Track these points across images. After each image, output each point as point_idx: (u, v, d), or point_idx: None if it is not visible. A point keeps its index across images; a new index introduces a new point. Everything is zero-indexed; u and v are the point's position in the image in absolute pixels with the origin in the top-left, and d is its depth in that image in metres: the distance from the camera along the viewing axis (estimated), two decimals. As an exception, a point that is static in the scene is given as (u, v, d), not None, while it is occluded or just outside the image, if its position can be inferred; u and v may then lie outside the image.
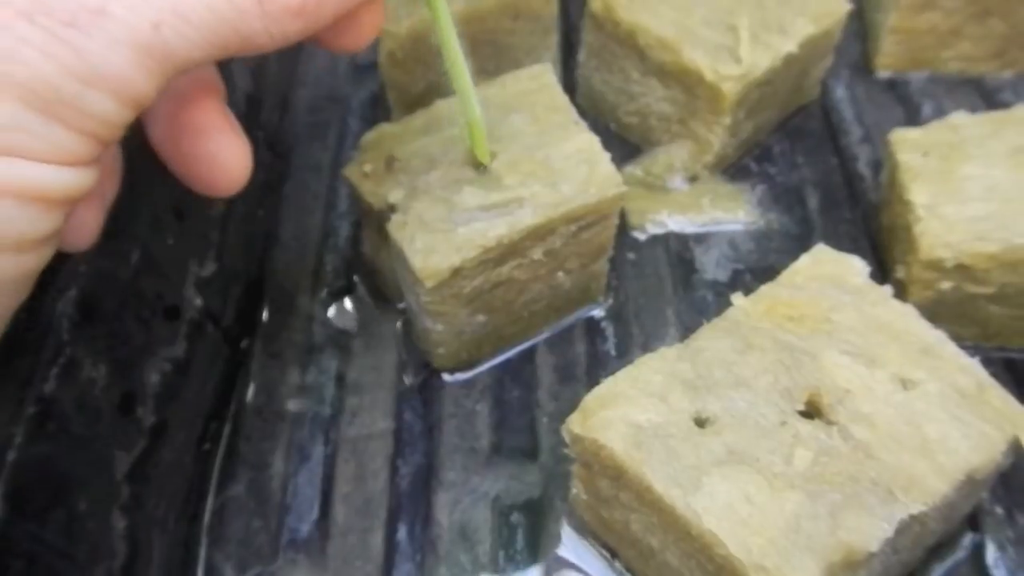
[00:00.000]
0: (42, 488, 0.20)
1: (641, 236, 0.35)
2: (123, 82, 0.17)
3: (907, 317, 0.25)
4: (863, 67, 0.40)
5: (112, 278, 0.25)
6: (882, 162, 0.34)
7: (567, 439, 0.24)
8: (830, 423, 0.23)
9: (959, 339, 0.28)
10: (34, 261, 0.17)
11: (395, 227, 0.27)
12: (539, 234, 0.28)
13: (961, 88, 0.39)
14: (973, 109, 0.37)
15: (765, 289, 0.26)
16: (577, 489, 0.26)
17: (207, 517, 0.27)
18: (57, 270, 0.23)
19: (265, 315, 0.33)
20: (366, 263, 0.33)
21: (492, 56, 0.36)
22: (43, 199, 0.16)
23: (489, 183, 0.28)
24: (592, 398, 0.24)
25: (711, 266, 0.34)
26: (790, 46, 0.33)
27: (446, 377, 0.31)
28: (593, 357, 0.31)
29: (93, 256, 0.24)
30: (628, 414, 0.23)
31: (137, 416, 0.25)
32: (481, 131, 0.27)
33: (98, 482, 0.23)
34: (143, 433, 0.25)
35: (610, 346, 0.31)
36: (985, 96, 0.39)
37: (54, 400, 0.21)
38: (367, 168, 0.29)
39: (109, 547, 0.23)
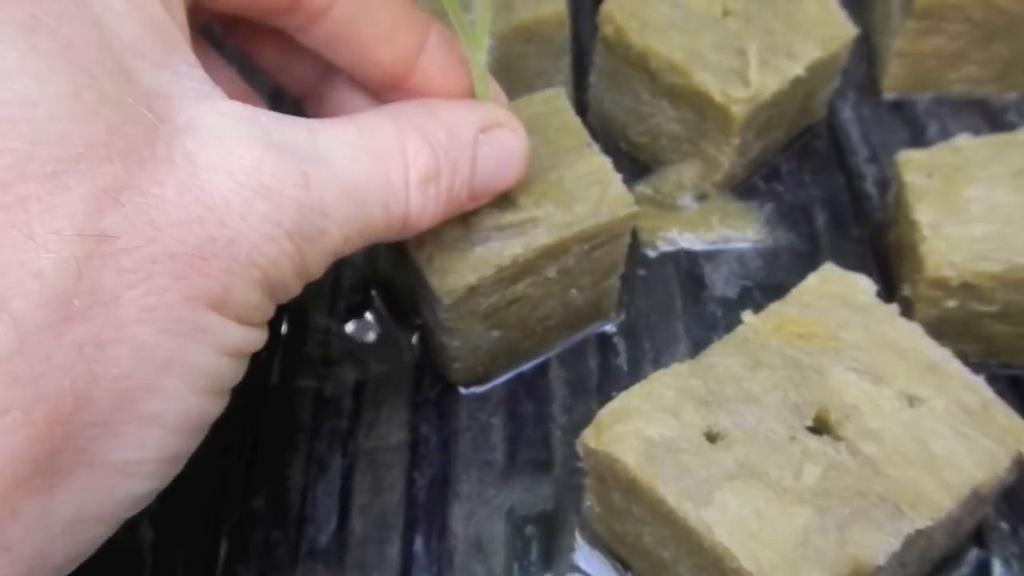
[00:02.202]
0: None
1: (652, 253, 0.35)
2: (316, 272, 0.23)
3: (913, 335, 0.26)
4: (869, 88, 0.41)
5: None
6: (888, 182, 0.35)
7: (581, 453, 0.25)
8: (838, 439, 0.23)
9: (964, 356, 0.29)
10: (223, 404, 0.22)
11: (413, 246, 0.28)
12: (553, 253, 0.28)
13: (966, 109, 0.39)
14: (977, 130, 0.38)
15: (774, 307, 0.27)
16: (591, 502, 0.26)
17: (229, 528, 0.28)
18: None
19: (284, 329, 0.33)
20: (383, 278, 0.34)
21: (504, 78, 0.37)
22: (246, 353, 0.22)
23: (504, 204, 0.29)
24: (606, 413, 0.24)
25: (720, 283, 0.34)
26: (798, 69, 0.33)
27: (461, 391, 0.32)
28: (605, 372, 0.32)
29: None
30: (641, 429, 0.24)
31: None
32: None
33: (127, 493, 0.23)
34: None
35: (622, 361, 0.32)
36: (989, 117, 0.39)
37: (88, 412, 0.22)
38: (386, 187, 0.30)
39: (138, 559, 0.23)
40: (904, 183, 0.31)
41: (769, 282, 0.34)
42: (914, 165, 0.31)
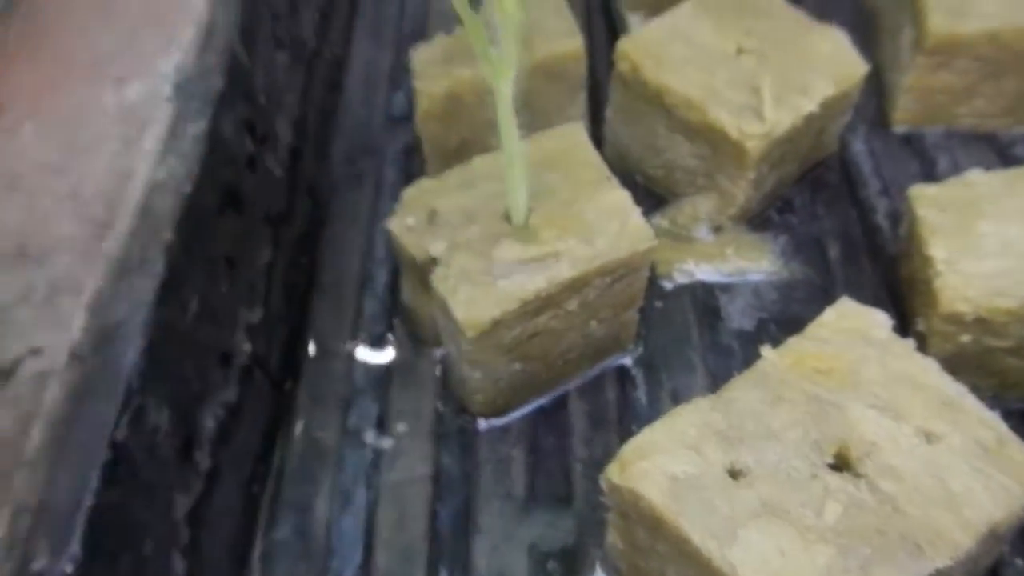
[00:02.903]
0: (114, 532, 0.22)
1: (668, 285, 0.36)
2: None
3: (929, 371, 0.26)
4: (880, 122, 0.41)
5: (174, 328, 0.26)
6: (900, 214, 0.36)
7: (605, 488, 0.25)
8: (858, 476, 0.24)
9: (978, 391, 0.29)
10: None
11: (438, 279, 0.29)
12: (575, 287, 0.29)
13: (975, 143, 0.40)
14: (987, 163, 0.39)
15: (792, 342, 0.27)
16: (613, 538, 0.27)
17: (255, 559, 0.29)
18: (125, 322, 0.25)
19: (307, 360, 0.34)
20: (404, 310, 0.35)
21: (523, 113, 0.38)
22: None
23: (527, 237, 0.29)
24: (629, 448, 0.25)
25: (737, 315, 0.35)
26: (811, 106, 0.34)
27: (482, 423, 0.32)
28: (624, 404, 0.32)
29: (157, 306, 0.25)
30: (665, 465, 0.24)
31: (195, 460, 0.26)
32: (524, 193, 0.29)
33: (161, 525, 0.24)
34: (200, 476, 0.26)
35: (640, 393, 0.33)
36: (998, 150, 0.40)
37: (125, 446, 0.23)
38: (409, 221, 0.31)
39: (169, 588, 0.24)
40: (917, 218, 0.31)
41: (785, 314, 0.35)
42: (927, 200, 0.32)
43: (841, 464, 0.24)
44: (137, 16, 0.54)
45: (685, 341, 0.34)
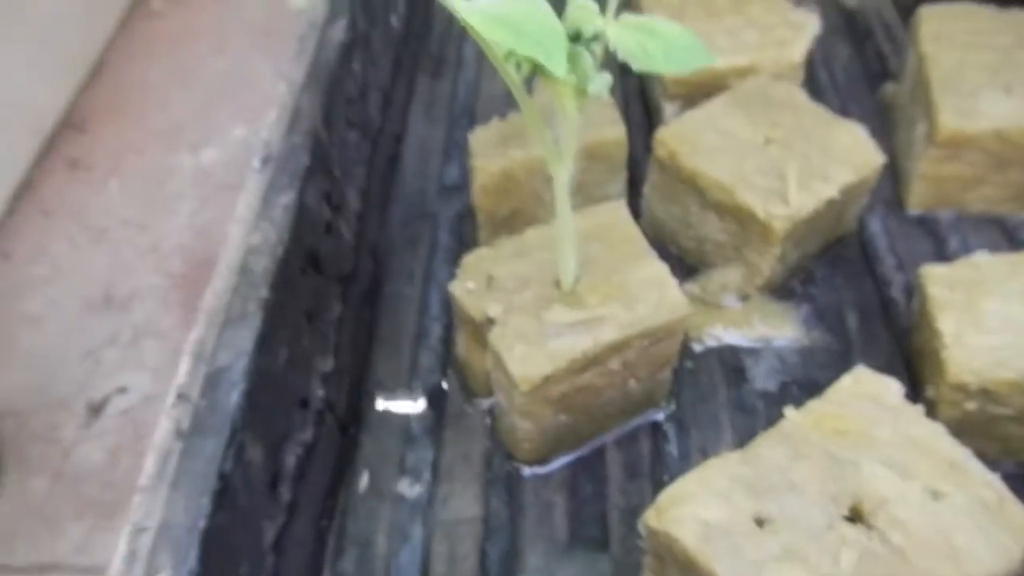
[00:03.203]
0: (221, 553, 0.25)
1: (698, 347, 0.39)
2: None
3: (937, 435, 0.29)
4: (896, 204, 0.45)
5: (267, 374, 0.30)
6: (913, 289, 0.39)
7: (643, 532, 0.28)
8: (871, 528, 0.26)
9: (983, 454, 0.32)
10: None
11: (496, 338, 0.32)
12: (617, 348, 0.32)
13: (985, 225, 0.43)
14: (995, 245, 0.42)
15: (813, 404, 0.30)
16: (648, 576, 0.30)
17: (323, 586, 0.32)
18: (229, 368, 0.28)
19: (370, 406, 0.38)
20: (457, 363, 0.38)
21: (570, 187, 0.42)
22: None
23: (575, 303, 0.33)
24: (666, 496, 0.28)
25: (761, 377, 0.38)
26: (832, 192, 0.38)
27: (527, 470, 0.35)
28: (657, 456, 0.35)
29: (257, 356, 0.29)
30: (698, 511, 0.27)
31: (279, 493, 0.30)
32: (573, 263, 0.32)
33: (254, 551, 0.27)
34: (282, 508, 0.30)
35: (672, 447, 0.36)
36: (1006, 233, 0.43)
37: (230, 477, 0.26)
38: (469, 285, 0.34)
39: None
40: (928, 295, 0.35)
41: (806, 378, 0.38)
42: (937, 279, 0.35)
43: (855, 517, 0.27)
44: (211, 89, 0.60)
45: (713, 400, 0.37)
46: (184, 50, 0.58)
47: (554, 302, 0.33)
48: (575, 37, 0.27)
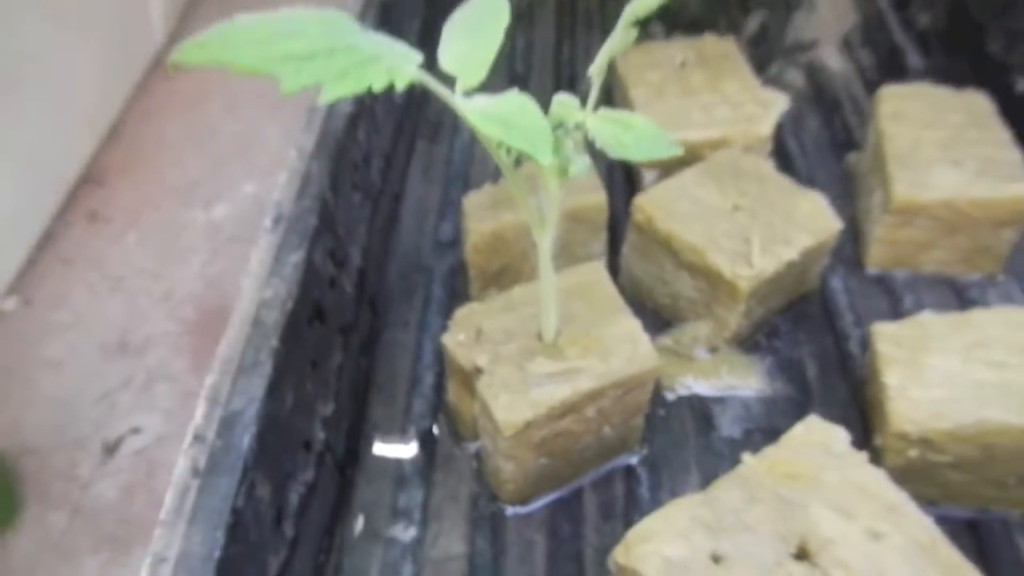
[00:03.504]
0: (231, 580, 0.28)
1: (671, 396, 0.43)
2: None
3: (879, 480, 0.32)
4: (856, 264, 0.48)
5: (276, 418, 0.33)
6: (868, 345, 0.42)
7: (612, 568, 0.31)
8: (815, 566, 0.29)
9: (927, 499, 0.35)
10: None
11: (483, 386, 0.36)
12: (593, 397, 0.36)
13: (937, 285, 0.47)
14: (946, 303, 0.46)
15: (768, 450, 0.33)
16: (618, 608, 0.32)
17: (320, 615, 0.34)
18: (242, 412, 0.31)
19: (365, 449, 0.41)
20: (448, 408, 0.42)
21: (554, 247, 0.45)
22: None
23: (555, 355, 0.36)
24: (633, 534, 0.31)
25: (727, 425, 0.41)
26: (792, 254, 0.41)
27: (509, 510, 0.38)
28: (630, 498, 0.38)
29: (266, 401, 0.32)
30: (661, 549, 0.30)
31: (283, 529, 0.32)
32: (554, 318, 0.36)
33: (259, 579, 0.30)
34: (285, 543, 0.33)
35: (644, 489, 0.39)
36: (956, 292, 0.47)
37: (242, 512, 0.29)
38: (460, 337, 0.38)
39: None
40: (877, 351, 0.38)
41: (768, 425, 0.41)
42: (886, 336, 0.39)
43: (802, 555, 0.30)
44: (223, 148, 0.64)
45: (683, 445, 0.40)
46: (198, 112, 0.62)
47: (537, 354, 0.36)
48: (558, 127, 0.30)
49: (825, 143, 0.57)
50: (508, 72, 0.64)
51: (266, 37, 0.24)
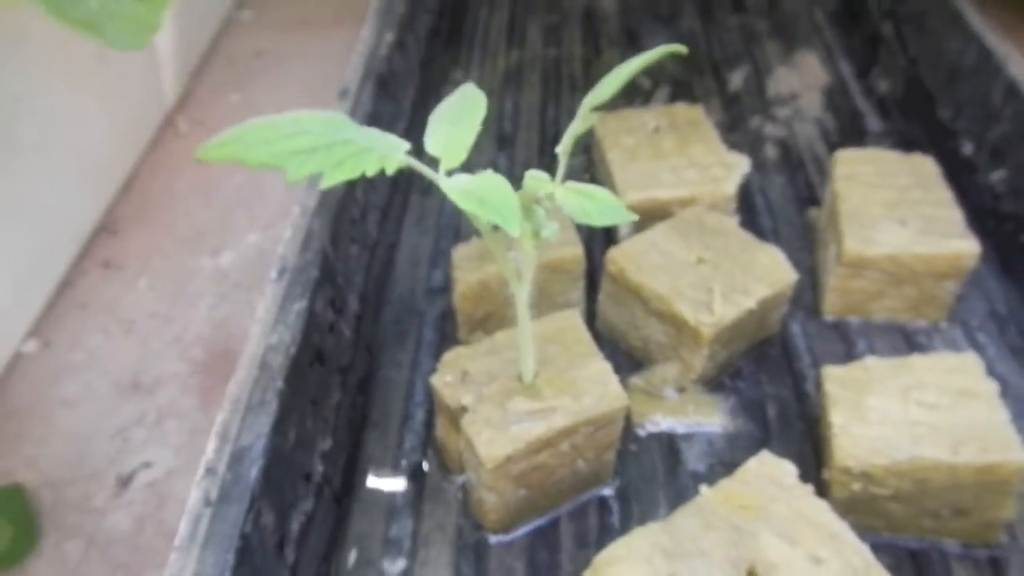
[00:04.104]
0: (239, 597, 0.31)
1: (642, 432, 0.46)
2: None
3: (821, 510, 0.36)
4: (814, 311, 0.53)
5: (280, 452, 0.36)
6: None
7: (582, 588, 0.35)
8: (762, 586, 0.33)
9: (873, 529, 0.39)
10: None
11: (467, 423, 0.39)
12: (567, 433, 0.39)
13: (888, 331, 0.51)
14: (896, 348, 0.50)
15: (723, 483, 0.37)
16: (588, 626, 0.36)
17: (318, 633, 0.37)
18: (250, 447, 0.35)
19: (360, 482, 0.44)
20: (437, 444, 0.45)
21: (534, 294, 0.50)
22: None
23: (533, 395, 0.40)
24: (600, 558, 0.34)
25: (693, 459, 0.45)
26: (751, 303, 0.46)
27: (492, 538, 0.41)
28: (602, 528, 0.42)
29: (272, 437, 0.36)
30: (625, 572, 0.33)
31: (285, 554, 0.36)
32: (532, 362, 0.40)
33: (263, 598, 0.33)
34: (287, 568, 0.36)
35: (615, 519, 0.42)
36: (906, 337, 0.51)
37: (249, 538, 0.32)
38: (447, 378, 0.42)
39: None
40: (825, 391, 0.42)
41: (730, 460, 0.44)
42: (834, 378, 0.43)
43: (751, 576, 0.33)
44: (229, 201, 0.68)
45: (652, 479, 0.44)
46: (205, 167, 0.67)
47: (516, 394, 0.40)
48: (532, 198, 0.35)
49: (789, 199, 0.62)
50: (497, 132, 0.69)
51: (274, 136, 0.29)
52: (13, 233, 0.55)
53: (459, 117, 0.34)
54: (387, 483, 0.44)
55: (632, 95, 0.72)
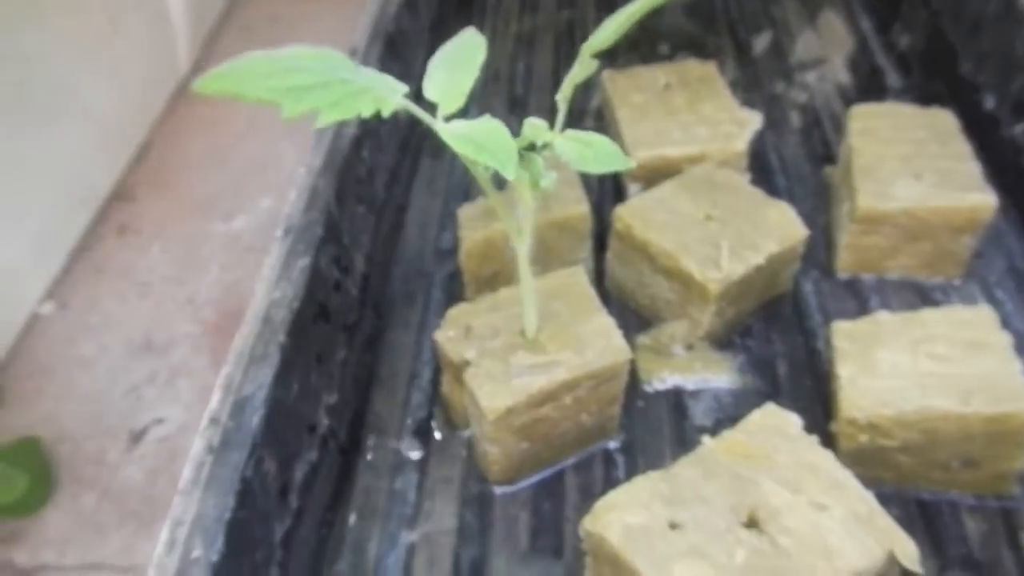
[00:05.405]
0: (241, 540, 0.32)
1: (649, 389, 0.46)
2: None
3: (826, 459, 0.35)
4: (828, 269, 0.52)
5: (282, 403, 0.37)
6: (833, 343, 0.45)
7: (582, 534, 0.35)
8: (762, 533, 0.33)
9: (881, 481, 0.38)
10: None
11: (469, 377, 0.39)
12: (569, 386, 0.39)
13: (903, 288, 0.50)
14: (911, 305, 0.49)
15: (726, 433, 0.37)
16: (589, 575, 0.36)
17: (322, 581, 0.38)
18: (252, 397, 0.35)
19: (367, 436, 0.44)
20: (442, 400, 0.45)
21: (541, 252, 0.49)
22: None
23: (535, 349, 0.40)
24: (600, 504, 0.34)
25: (699, 415, 0.44)
26: (759, 259, 0.45)
27: (497, 490, 0.42)
28: (607, 480, 0.42)
29: (274, 388, 0.36)
30: (623, 517, 0.33)
31: (288, 500, 0.36)
32: (534, 316, 0.39)
33: (266, 543, 0.34)
34: (290, 513, 0.36)
35: (620, 472, 0.42)
36: (921, 294, 0.50)
37: (250, 482, 0.33)
38: (451, 334, 0.42)
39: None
40: (833, 346, 0.41)
41: (737, 416, 0.43)
42: (843, 333, 0.42)
43: (751, 523, 0.33)
44: (242, 167, 0.69)
45: (658, 434, 0.44)
46: (219, 134, 0.67)
47: (519, 348, 0.40)
48: (530, 147, 0.34)
49: (804, 157, 0.61)
50: (509, 95, 0.69)
51: (272, 71, 0.28)
52: (30, 198, 0.56)
53: (458, 62, 0.34)
54: (393, 438, 0.44)
55: (650, 61, 0.71)
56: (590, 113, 0.65)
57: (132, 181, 0.66)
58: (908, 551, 0.32)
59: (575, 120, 0.35)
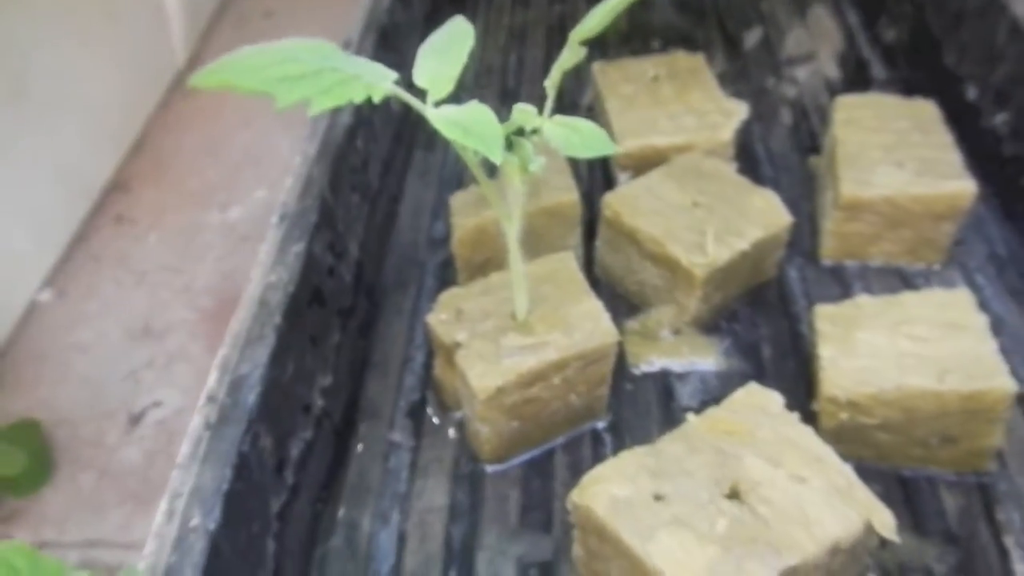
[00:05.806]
0: (237, 510, 0.33)
1: (637, 372, 0.47)
2: None
3: (806, 435, 0.36)
4: (812, 256, 0.53)
5: (278, 383, 0.38)
6: (816, 326, 0.46)
7: (570, 507, 0.36)
8: (743, 503, 0.34)
9: (861, 459, 0.39)
10: None
11: (461, 358, 0.40)
12: (558, 367, 0.40)
13: (885, 274, 0.51)
14: (893, 290, 0.50)
15: (710, 411, 0.38)
16: (576, 548, 0.37)
17: (316, 559, 0.39)
18: (248, 376, 0.36)
19: (360, 417, 0.45)
20: (435, 382, 0.46)
21: (532, 240, 0.50)
22: None
23: (525, 331, 0.41)
24: (587, 478, 0.35)
25: (686, 397, 0.45)
26: (744, 245, 0.46)
27: (488, 468, 0.43)
28: (596, 459, 0.43)
29: (269, 367, 0.37)
30: (610, 489, 0.34)
31: (284, 475, 0.37)
32: (524, 299, 0.40)
33: (263, 516, 0.35)
34: (286, 488, 0.37)
35: (608, 451, 0.43)
36: (904, 280, 0.51)
37: (247, 456, 0.34)
38: (442, 317, 0.43)
39: (264, 564, 0.34)
40: (815, 328, 0.42)
41: (723, 397, 0.44)
42: (825, 315, 0.43)
43: (733, 495, 0.34)
44: (238, 158, 0.70)
45: (646, 415, 0.45)
46: (215, 125, 0.68)
47: (509, 331, 0.41)
48: (519, 132, 0.35)
49: (791, 147, 0.62)
50: (501, 87, 0.69)
51: (264, 63, 0.29)
52: (29, 188, 0.56)
53: (446, 49, 0.35)
54: (386, 420, 0.45)
55: (641, 55, 0.72)
56: (582, 109, 0.66)
57: (129, 172, 0.67)
58: (885, 521, 0.33)
59: (567, 113, 0.37)
